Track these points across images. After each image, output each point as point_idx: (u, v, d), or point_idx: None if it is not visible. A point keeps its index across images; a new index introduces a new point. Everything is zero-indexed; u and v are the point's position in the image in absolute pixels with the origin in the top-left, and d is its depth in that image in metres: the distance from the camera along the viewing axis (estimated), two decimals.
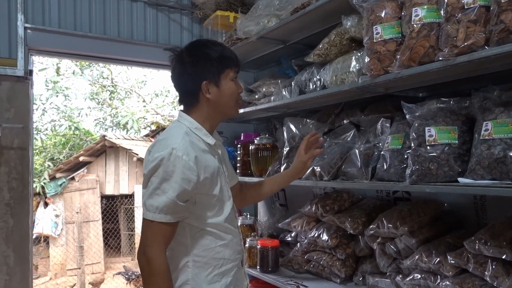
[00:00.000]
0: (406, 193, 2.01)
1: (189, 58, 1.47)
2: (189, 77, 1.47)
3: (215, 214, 1.46)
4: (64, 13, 3.04)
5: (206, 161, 1.42)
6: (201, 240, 1.44)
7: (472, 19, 1.25)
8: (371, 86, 1.64)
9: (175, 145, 1.35)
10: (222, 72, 1.48)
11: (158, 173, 1.35)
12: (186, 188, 1.35)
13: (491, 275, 1.33)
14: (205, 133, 1.48)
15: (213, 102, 1.48)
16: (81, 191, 8.41)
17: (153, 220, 1.34)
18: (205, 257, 1.44)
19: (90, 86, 9.91)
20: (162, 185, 1.34)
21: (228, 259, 1.48)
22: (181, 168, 1.33)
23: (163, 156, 1.34)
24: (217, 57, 1.46)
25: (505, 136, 1.23)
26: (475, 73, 1.46)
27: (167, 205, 1.33)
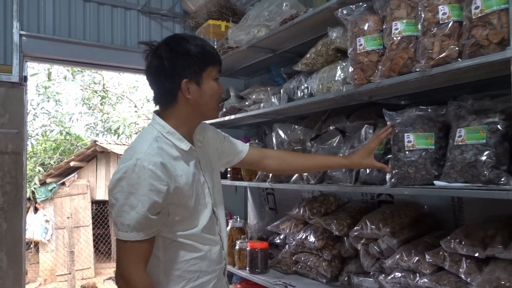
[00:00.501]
0: (389, 196, 2.11)
1: (167, 54, 1.31)
2: (168, 75, 1.31)
3: (191, 226, 1.35)
4: (58, 20, 3.11)
5: (176, 170, 1.30)
6: (174, 253, 1.34)
7: (446, 33, 1.35)
8: (355, 94, 1.74)
9: (139, 155, 1.23)
10: (204, 69, 1.34)
11: (122, 188, 1.22)
12: (156, 200, 1.23)
13: (465, 272, 1.41)
14: (179, 138, 1.35)
15: (193, 102, 1.34)
16: (71, 196, 8.39)
17: (126, 240, 1.23)
18: (179, 270, 1.34)
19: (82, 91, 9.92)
20: (129, 200, 1.22)
21: (205, 271, 1.38)
22: (148, 179, 1.21)
23: (127, 168, 1.22)
24: (199, 53, 1.32)
25: (476, 142, 1.32)
26: (451, 82, 1.56)
27: (138, 221, 1.22)
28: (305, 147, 2.14)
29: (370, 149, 1.59)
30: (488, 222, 1.47)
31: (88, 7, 3.24)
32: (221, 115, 2.76)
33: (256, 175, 2.41)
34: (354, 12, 1.68)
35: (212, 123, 2.73)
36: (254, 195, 3.19)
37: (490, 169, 1.27)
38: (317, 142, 2.10)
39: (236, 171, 2.64)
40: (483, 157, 1.28)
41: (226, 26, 2.83)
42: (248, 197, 3.24)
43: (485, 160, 1.28)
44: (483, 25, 1.24)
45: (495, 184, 1.26)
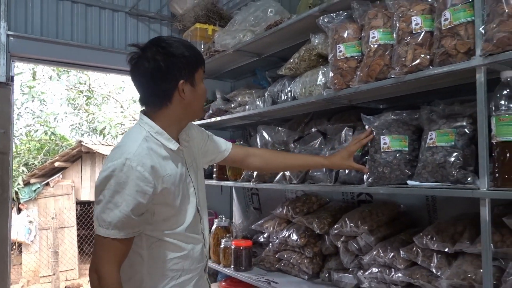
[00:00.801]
0: (368, 196, 2.20)
1: (163, 56, 1.32)
2: (165, 76, 1.33)
3: (175, 225, 1.38)
4: (46, 21, 3.14)
5: (166, 170, 1.33)
6: (158, 252, 1.36)
7: (419, 42, 1.44)
8: (335, 98, 1.82)
9: (129, 155, 1.26)
10: (196, 71, 1.38)
11: (109, 185, 1.24)
12: (140, 201, 1.25)
13: (436, 266, 1.51)
14: (167, 138, 1.37)
15: (186, 103, 1.38)
16: (56, 196, 8.33)
17: (106, 236, 1.24)
18: (162, 268, 1.36)
19: (67, 91, 9.85)
20: (114, 198, 1.24)
21: (188, 270, 1.41)
22: (135, 180, 1.24)
23: (116, 167, 1.24)
24: (192, 54, 1.36)
25: (445, 144, 1.42)
26: (424, 88, 1.66)
27: (120, 220, 1.24)
28: (288, 148, 2.21)
29: (350, 152, 1.67)
30: (458, 220, 1.57)
31: (76, 9, 3.27)
32: (207, 117, 2.82)
33: (241, 175, 2.47)
34: (334, 20, 1.77)
35: (199, 124, 2.80)
36: (239, 195, 3.26)
37: (458, 169, 1.36)
38: (300, 144, 2.18)
39: (221, 171, 2.70)
40: (451, 159, 1.38)
41: (213, 30, 2.90)
42: (234, 197, 3.31)
43: (453, 161, 1.37)
44: (451, 35, 1.33)
45: (462, 183, 1.35)
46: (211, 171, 2.82)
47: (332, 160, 1.71)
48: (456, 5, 1.34)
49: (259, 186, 2.33)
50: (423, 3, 1.48)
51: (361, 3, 1.67)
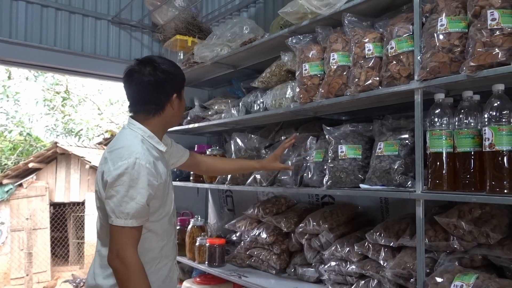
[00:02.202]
0: (331, 198, 2.43)
1: (161, 72, 1.57)
2: (163, 89, 1.58)
3: (161, 215, 1.60)
4: (30, 26, 3.25)
5: (159, 168, 1.55)
6: (144, 242, 1.54)
7: (370, 66, 1.68)
8: (301, 110, 2.05)
9: (138, 155, 1.46)
10: (183, 87, 1.69)
11: (123, 181, 1.43)
12: (151, 193, 1.48)
13: (383, 258, 1.74)
14: (157, 141, 1.61)
15: (174, 112, 1.65)
16: (29, 198, 8.25)
17: (125, 226, 1.43)
18: (146, 257, 1.54)
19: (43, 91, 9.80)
20: (129, 192, 1.43)
21: (165, 257, 1.64)
22: (146, 175, 1.45)
23: (128, 165, 1.44)
24: (181, 73, 1.67)
25: (391, 153, 1.66)
26: (377, 104, 1.91)
27: (137, 211, 1.44)
28: (260, 154, 2.43)
29: (276, 156, 2.03)
30: (402, 219, 1.81)
31: (59, 15, 3.39)
32: (186, 123, 3.01)
33: (216, 178, 2.66)
34: (301, 41, 2.00)
35: (178, 129, 2.99)
36: (214, 197, 3.45)
37: (400, 175, 1.60)
38: (271, 150, 2.40)
39: (198, 174, 2.88)
40: (395, 166, 1.62)
41: (192, 41, 3.09)
42: (209, 198, 3.50)
43: (396, 168, 1.62)
44: (396, 61, 1.58)
45: (403, 187, 1.59)
46: (188, 173, 3.01)
47: (262, 163, 2.07)
48: (400, 36, 1.58)
49: (232, 188, 2.53)
50: (374, 32, 1.72)
51: (324, 28, 1.90)
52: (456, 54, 1.41)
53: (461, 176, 1.41)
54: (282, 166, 2.03)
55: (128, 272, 1.42)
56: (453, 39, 1.41)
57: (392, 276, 1.64)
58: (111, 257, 1.45)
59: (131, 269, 1.42)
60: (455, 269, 1.44)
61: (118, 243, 1.44)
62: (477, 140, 1.38)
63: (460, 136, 1.41)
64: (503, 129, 1.29)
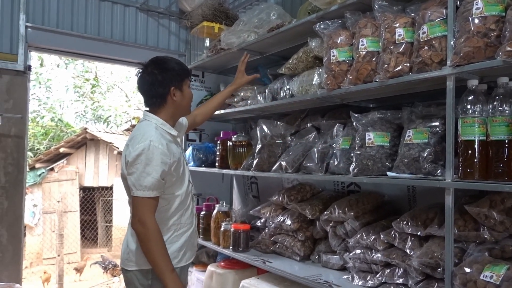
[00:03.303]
0: (356, 186, 2.41)
1: (158, 70, 1.84)
2: (160, 84, 1.84)
3: (179, 188, 1.87)
4: (62, 14, 3.33)
5: (172, 149, 1.82)
6: (165, 212, 1.83)
7: (401, 51, 1.65)
8: (328, 97, 2.03)
9: (152, 138, 1.74)
10: (183, 80, 1.90)
11: (141, 160, 1.71)
12: (164, 169, 1.74)
13: (409, 247, 1.72)
14: (169, 127, 1.88)
15: (177, 103, 1.89)
16: (60, 182, 8.54)
17: (143, 196, 1.71)
18: (167, 224, 1.84)
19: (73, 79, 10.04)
20: (146, 169, 1.71)
21: (184, 223, 1.90)
22: (159, 155, 1.73)
23: (144, 147, 1.72)
24: (179, 69, 1.89)
25: (420, 141, 1.63)
26: (406, 91, 1.87)
27: (153, 184, 1.71)
28: (286, 141, 2.42)
29: (240, 71, 2.46)
30: (430, 207, 1.78)
31: (89, 3, 3.45)
32: None
33: (241, 164, 2.68)
34: (329, 27, 1.97)
35: None
36: (239, 183, 3.47)
37: (429, 163, 1.57)
38: (296, 137, 2.40)
39: (223, 160, 2.90)
40: (424, 154, 1.59)
41: (219, 28, 3.09)
42: (234, 185, 3.53)
43: (426, 156, 1.58)
44: (428, 47, 1.54)
45: (432, 175, 1.56)
46: (213, 160, 3.04)
47: (235, 82, 2.47)
48: (433, 20, 1.54)
49: (257, 175, 2.54)
50: (406, 17, 1.68)
51: (353, 13, 1.87)
52: (492, 38, 1.36)
53: (494, 165, 1.37)
54: (250, 77, 2.45)
55: (147, 234, 1.70)
56: (489, 23, 1.36)
57: (419, 265, 1.62)
58: (133, 222, 1.73)
59: (150, 231, 1.70)
60: (485, 259, 1.41)
61: (139, 210, 1.72)
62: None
63: (494, 124, 1.37)
64: None
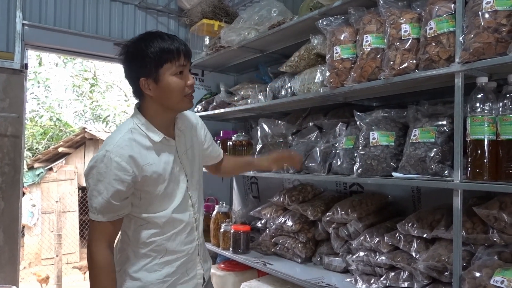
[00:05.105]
0: (359, 187, 2.36)
1: (126, 56, 1.43)
2: (129, 75, 1.46)
3: (160, 208, 1.47)
4: (59, 12, 3.27)
5: (147, 159, 1.41)
6: (142, 233, 1.47)
7: (406, 48, 1.59)
8: (331, 95, 1.98)
9: (109, 147, 1.38)
10: (160, 67, 1.40)
11: (93, 175, 1.38)
12: (119, 189, 1.36)
13: (415, 250, 1.67)
14: (152, 130, 1.46)
15: (155, 98, 1.44)
16: (59, 181, 8.49)
17: (94, 219, 1.40)
18: (145, 249, 1.47)
19: (72, 78, 9.98)
20: (97, 186, 1.37)
21: (172, 251, 1.49)
22: (113, 170, 1.35)
23: (97, 158, 1.38)
24: (153, 52, 1.38)
25: (427, 140, 1.57)
26: (412, 89, 1.81)
27: (103, 206, 1.37)
28: (287, 140, 2.37)
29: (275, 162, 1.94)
30: (437, 209, 1.73)
31: (87, 0, 3.40)
32: (211, 108, 2.98)
33: None
34: (332, 23, 1.91)
35: (202, 115, 2.96)
36: (239, 184, 3.42)
37: (437, 163, 1.52)
38: (298, 137, 2.34)
39: None
40: (431, 154, 1.54)
41: (219, 25, 3.03)
42: (234, 186, 3.48)
43: (433, 156, 1.53)
44: (435, 43, 1.48)
45: (439, 176, 1.51)
46: None
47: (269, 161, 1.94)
48: (440, 15, 1.49)
49: (258, 175, 2.49)
50: (412, 12, 1.63)
51: (357, 9, 1.82)
52: (503, 34, 1.30)
53: (504, 165, 1.32)
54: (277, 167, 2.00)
55: (92, 265, 1.40)
56: (500, 17, 1.31)
57: (425, 268, 1.57)
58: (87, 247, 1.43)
59: (96, 263, 1.39)
60: (494, 263, 1.36)
61: (89, 235, 1.43)
62: None
63: (504, 123, 1.32)
64: None
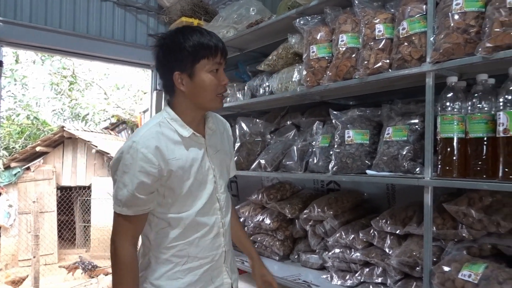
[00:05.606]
0: (336, 184, 2.39)
1: (163, 48, 1.38)
2: (163, 68, 1.40)
3: (183, 208, 1.38)
4: (35, 8, 3.20)
5: (173, 154, 1.34)
6: (163, 237, 1.38)
7: (380, 48, 1.62)
8: (308, 94, 2.00)
9: (136, 138, 1.32)
10: (197, 62, 1.34)
11: (119, 167, 1.33)
12: (144, 181, 1.30)
13: (388, 246, 1.71)
14: (181, 124, 1.38)
15: (188, 94, 1.37)
16: (36, 181, 8.32)
17: (119, 213, 1.34)
18: (166, 254, 1.38)
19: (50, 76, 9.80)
20: (123, 178, 1.31)
21: (194, 257, 1.39)
22: (138, 161, 1.29)
23: (123, 150, 1.32)
24: (191, 46, 1.33)
25: (399, 138, 1.61)
26: (387, 88, 1.85)
27: (128, 199, 1.31)
28: (265, 139, 2.39)
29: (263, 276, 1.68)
30: (409, 206, 1.77)
31: None
32: None
33: None
34: (309, 23, 1.93)
35: None
36: None
37: (409, 161, 1.56)
38: (276, 135, 2.36)
39: None
40: (403, 152, 1.57)
41: (198, 23, 3.03)
42: None
43: (405, 154, 1.57)
44: (407, 43, 1.52)
45: (411, 173, 1.55)
46: None
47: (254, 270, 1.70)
48: (412, 16, 1.52)
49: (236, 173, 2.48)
50: (386, 13, 1.66)
51: (333, 8, 1.84)
52: (472, 34, 1.34)
53: (473, 162, 1.36)
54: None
55: (116, 261, 1.33)
56: (469, 19, 1.35)
57: (397, 264, 1.60)
58: (110, 240, 1.36)
59: (119, 259, 1.33)
60: (463, 258, 1.40)
61: (114, 229, 1.36)
62: (491, 125, 1.33)
63: (472, 121, 1.36)
64: None
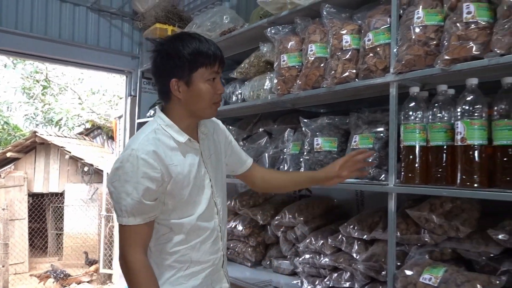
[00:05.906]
0: (308, 191, 2.43)
1: (161, 54, 1.35)
2: (160, 74, 1.38)
3: (185, 214, 1.38)
4: (5, 11, 3.14)
5: (172, 160, 1.33)
6: (165, 243, 1.38)
7: (347, 58, 1.67)
8: (279, 102, 2.03)
9: (134, 146, 1.30)
10: (195, 71, 1.33)
11: (119, 176, 1.29)
12: (149, 186, 1.28)
13: (356, 251, 1.74)
14: (177, 130, 1.38)
15: (184, 101, 1.36)
16: (6, 188, 8.08)
17: (125, 224, 1.30)
18: (168, 260, 1.38)
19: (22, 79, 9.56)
20: (124, 188, 1.28)
21: (197, 262, 1.40)
22: (140, 167, 1.27)
23: (122, 159, 1.30)
24: (189, 53, 1.31)
25: (366, 146, 1.65)
26: (354, 97, 1.90)
27: (134, 207, 1.28)
28: None
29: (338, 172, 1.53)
30: (376, 212, 1.82)
31: (36, 0, 3.29)
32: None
33: None
34: (280, 32, 1.97)
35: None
36: None
37: (374, 168, 1.60)
38: (248, 142, 2.38)
39: None
40: (369, 159, 1.61)
41: (172, 30, 3.04)
42: None
43: (371, 161, 1.61)
44: (373, 54, 1.57)
45: (377, 180, 1.59)
46: None
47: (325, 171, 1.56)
48: (377, 28, 1.57)
49: None
50: (353, 24, 1.71)
51: (303, 19, 1.88)
52: (432, 47, 1.40)
53: (433, 170, 1.42)
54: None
55: (132, 274, 1.29)
56: (429, 32, 1.41)
57: (364, 268, 1.64)
58: (119, 259, 1.33)
59: (133, 269, 1.29)
60: (425, 262, 1.45)
61: (122, 242, 1.32)
62: (450, 134, 1.39)
63: (433, 130, 1.41)
64: (475, 123, 1.29)
